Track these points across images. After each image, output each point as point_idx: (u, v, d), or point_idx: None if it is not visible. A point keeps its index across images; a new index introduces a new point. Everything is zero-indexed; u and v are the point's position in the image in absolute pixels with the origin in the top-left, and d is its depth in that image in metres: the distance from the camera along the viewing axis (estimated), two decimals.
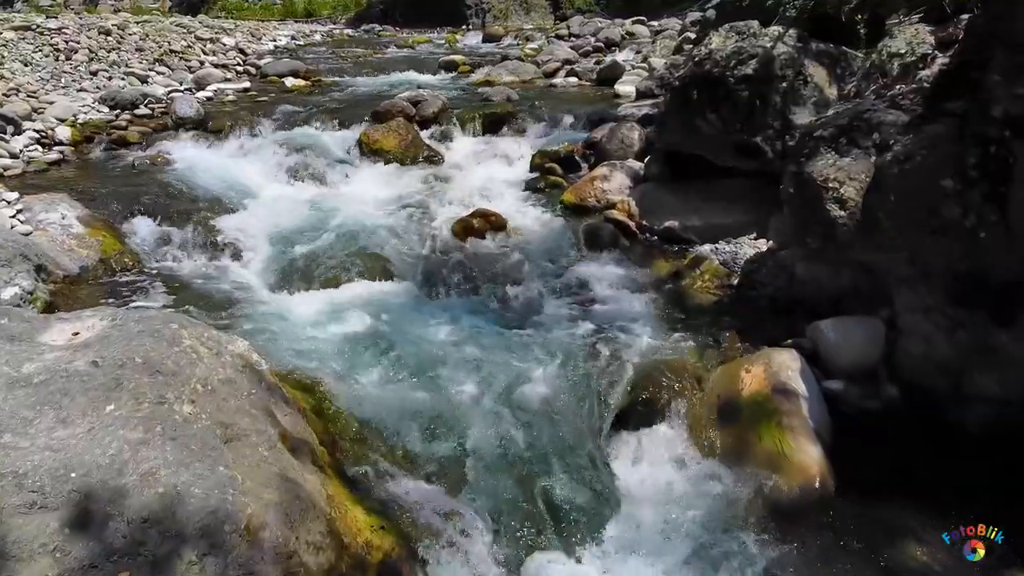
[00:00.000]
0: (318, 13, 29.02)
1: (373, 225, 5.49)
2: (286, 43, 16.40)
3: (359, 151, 7.16)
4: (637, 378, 3.52)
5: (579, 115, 7.93)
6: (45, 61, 9.80)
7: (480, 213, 5.42)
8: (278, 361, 3.41)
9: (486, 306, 4.41)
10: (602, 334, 4.00)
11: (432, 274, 4.76)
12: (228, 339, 2.58)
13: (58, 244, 4.73)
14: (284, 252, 5.12)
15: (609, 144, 6.43)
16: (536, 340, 3.94)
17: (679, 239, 5.17)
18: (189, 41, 12.83)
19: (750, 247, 4.87)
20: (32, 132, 7.06)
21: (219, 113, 8.23)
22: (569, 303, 4.44)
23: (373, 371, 3.59)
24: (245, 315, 4.07)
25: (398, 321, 4.08)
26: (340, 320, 4.10)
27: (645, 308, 4.32)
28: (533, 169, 6.69)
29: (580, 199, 5.77)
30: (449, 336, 4.00)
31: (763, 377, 3.24)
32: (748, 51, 4.88)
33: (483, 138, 7.66)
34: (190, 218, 5.50)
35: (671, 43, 12.14)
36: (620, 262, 4.96)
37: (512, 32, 19.22)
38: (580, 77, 10.90)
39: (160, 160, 6.70)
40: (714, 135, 4.99)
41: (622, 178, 5.80)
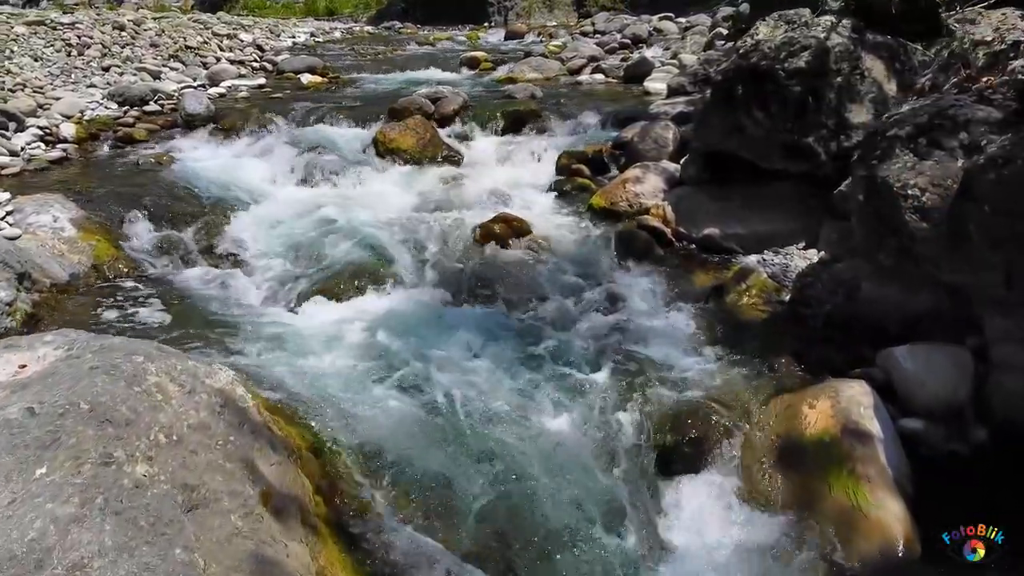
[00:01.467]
0: (339, 11, 28.81)
1: (387, 230, 5.09)
2: (305, 40, 16.08)
3: (374, 150, 6.78)
4: (679, 411, 3.08)
5: (607, 113, 7.51)
6: (56, 56, 9.53)
7: (502, 218, 5.00)
8: (275, 387, 3.01)
9: (508, 323, 3.98)
10: (637, 357, 3.57)
11: (449, 285, 4.36)
12: (207, 371, 2.19)
13: (47, 249, 4.38)
14: (291, 259, 4.74)
15: (641, 144, 5.98)
16: (564, 363, 3.52)
17: (719, 248, 4.73)
18: (205, 37, 12.54)
19: (800, 258, 4.41)
20: (36, 129, 6.77)
21: (230, 110, 7.88)
22: (600, 319, 4.01)
23: (382, 397, 3.18)
24: (243, 331, 3.68)
25: (411, 339, 3.67)
26: (348, 337, 3.70)
27: (685, 327, 3.88)
28: (559, 171, 6.27)
29: (610, 203, 5.34)
30: (467, 357, 3.59)
31: (830, 414, 2.80)
32: (800, 42, 4.42)
33: (505, 137, 7.25)
34: (192, 221, 5.15)
35: (701, 39, 11.69)
36: (655, 273, 4.52)
37: (535, 29, 18.77)
38: (606, 74, 10.46)
39: (165, 159, 6.36)
40: (761, 134, 4.54)
41: (656, 181, 5.36)
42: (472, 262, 4.59)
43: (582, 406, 3.15)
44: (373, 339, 3.65)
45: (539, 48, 13.39)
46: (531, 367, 3.50)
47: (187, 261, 4.75)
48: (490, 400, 3.17)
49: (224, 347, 3.43)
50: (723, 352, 3.57)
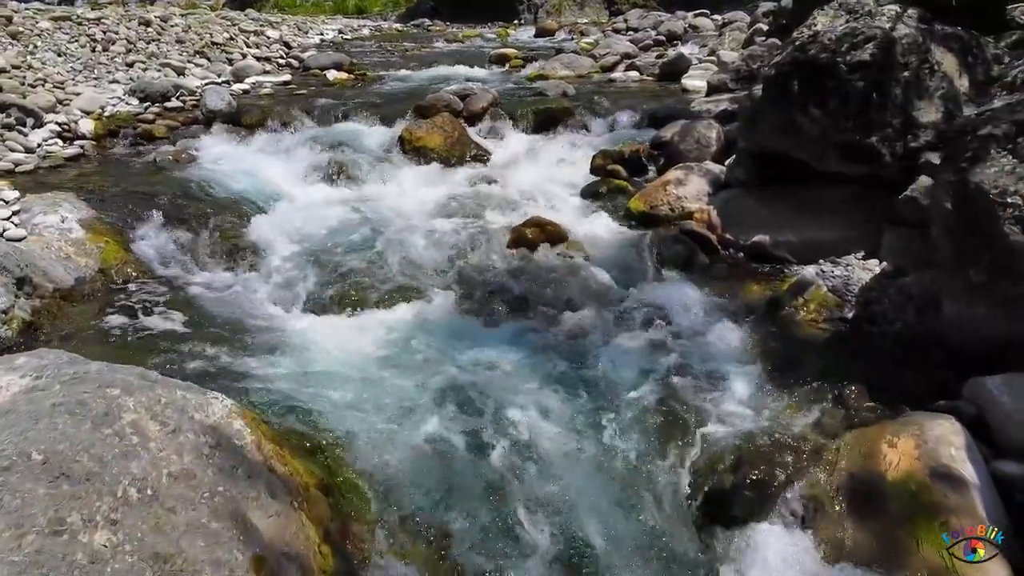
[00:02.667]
0: (369, 10, 28.70)
1: (412, 234, 4.79)
2: (332, 37, 15.86)
3: (400, 149, 6.49)
4: (735, 446, 2.73)
5: (643, 111, 7.14)
6: (80, 52, 9.37)
7: (535, 222, 4.67)
8: (283, 410, 2.72)
9: (540, 337, 3.65)
10: (684, 380, 3.23)
11: (477, 295, 4.03)
12: (199, 403, 1.89)
13: (53, 251, 4.14)
14: (309, 264, 4.45)
15: (682, 144, 5.62)
16: (603, 387, 3.19)
17: (770, 257, 4.35)
18: (232, 33, 12.34)
19: (861, 269, 4.02)
20: (53, 125, 6.57)
21: (253, 106, 7.63)
22: (641, 336, 3.66)
23: (403, 423, 2.87)
24: (254, 344, 3.40)
25: (436, 357, 3.36)
26: (367, 353, 3.40)
27: (736, 345, 3.52)
28: (594, 171, 5.92)
29: (650, 207, 4.98)
30: (494, 376, 3.27)
31: (914, 455, 2.42)
32: (863, 33, 4.03)
33: (537, 136, 6.92)
34: (208, 222, 4.88)
35: (740, 35, 11.24)
36: (700, 283, 4.16)
37: (565, 27, 18.40)
38: (641, 71, 10.07)
39: (184, 156, 6.12)
40: (817, 133, 4.16)
41: (700, 183, 5.00)
42: (502, 270, 4.27)
43: (623, 438, 2.81)
44: (394, 356, 3.35)
45: (570, 45, 13.04)
46: (565, 391, 3.16)
47: (200, 264, 4.49)
48: (520, 428, 2.84)
49: (232, 363, 3.15)
50: (781, 376, 3.21)
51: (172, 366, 3.07)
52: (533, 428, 2.83)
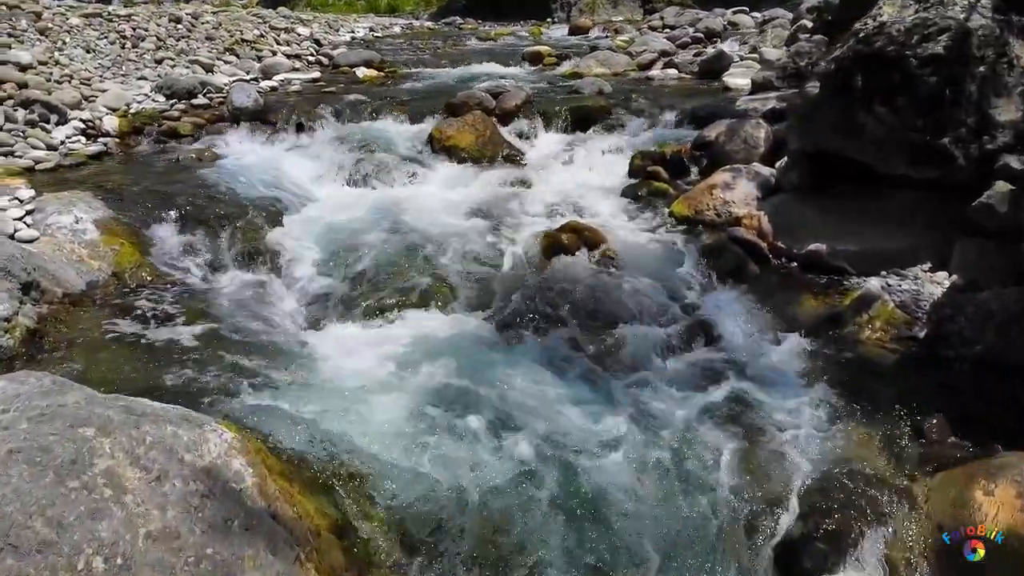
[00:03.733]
0: (401, 8, 28.61)
1: (441, 238, 4.52)
2: (363, 35, 15.69)
3: (430, 148, 6.24)
4: (803, 488, 2.42)
5: (683, 110, 6.80)
6: (109, 48, 9.26)
7: (571, 227, 4.38)
8: (295, 438, 2.46)
9: (577, 356, 3.36)
10: (738, 407, 2.93)
11: (510, 306, 3.75)
12: (192, 440, 1.63)
13: (65, 253, 3.94)
14: (332, 270, 4.21)
15: (728, 144, 5.28)
16: (647, 414, 2.89)
17: (826, 267, 4.01)
18: (262, 31, 12.21)
19: (930, 283, 3.67)
20: (77, 122, 6.41)
21: (280, 104, 7.43)
22: (688, 355, 3.37)
23: (427, 453, 2.60)
24: (268, 359, 3.15)
25: (464, 376, 3.08)
26: (392, 370, 3.14)
27: (794, 367, 3.20)
28: (632, 172, 5.61)
29: (695, 211, 4.66)
30: (528, 400, 2.98)
31: (1016, 504, 2.10)
32: (935, 23, 3.69)
33: (572, 135, 6.62)
34: (228, 224, 4.66)
35: (783, 32, 10.83)
36: (750, 295, 3.84)
37: (599, 25, 18.04)
38: (679, 69, 9.72)
39: (207, 155, 5.92)
40: (883, 134, 3.82)
41: (748, 186, 4.66)
42: (536, 278, 3.98)
43: (675, 478, 2.51)
44: (418, 374, 3.08)
45: (605, 43, 12.70)
46: (605, 417, 2.87)
47: (218, 269, 4.26)
48: (561, 463, 2.55)
49: (244, 381, 2.90)
50: (847, 403, 2.88)
51: (178, 383, 2.83)
52: (575, 463, 2.55)
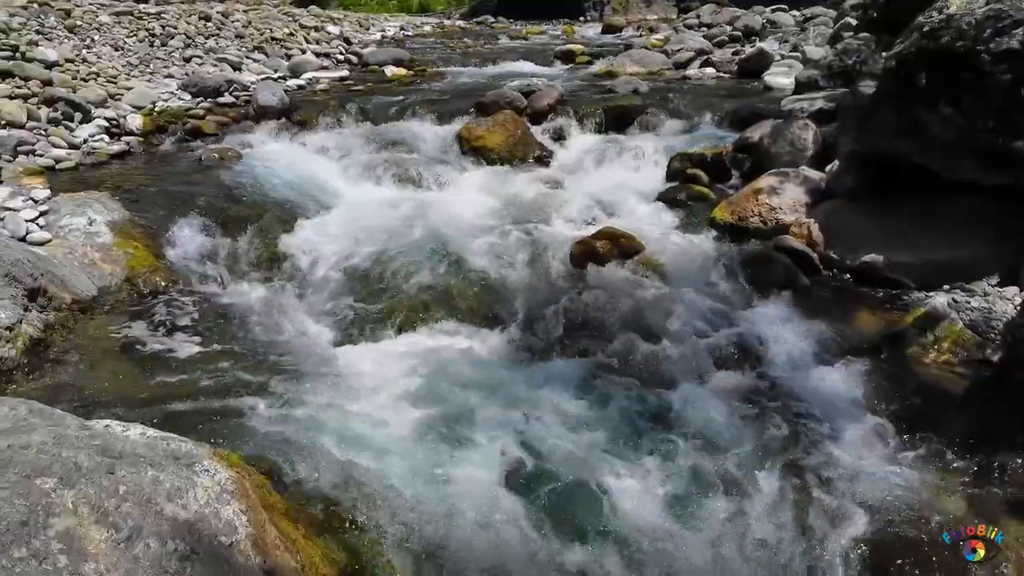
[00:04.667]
0: (433, 7, 28.53)
1: (468, 244, 4.30)
2: (394, 33, 15.55)
3: (458, 148, 6.03)
4: (864, 537, 2.14)
5: (723, 110, 6.51)
6: (138, 46, 9.19)
7: (607, 233, 4.12)
8: (307, 464, 2.24)
9: (613, 374, 3.10)
10: (790, 438, 2.66)
11: (540, 319, 3.50)
12: (178, 484, 1.42)
13: (77, 257, 3.78)
14: (354, 278, 4.00)
15: (773, 146, 4.98)
16: (692, 443, 2.63)
17: (883, 280, 3.72)
18: (292, 29, 12.11)
19: (1000, 299, 3.35)
20: (102, 120, 6.30)
21: (307, 103, 7.28)
22: (734, 377, 3.09)
23: (451, 483, 2.36)
24: (283, 376, 2.94)
25: (491, 395, 2.85)
26: (412, 390, 2.91)
27: (853, 392, 2.92)
28: (670, 176, 5.34)
29: (738, 218, 4.38)
30: (561, 424, 2.74)
31: None
32: (1011, 15, 3.36)
33: (606, 136, 6.37)
34: (248, 227, 4.49)
35: (826, 30, 10.47)
36: (801, 310, 3.54)
37: (634, 23, 17.73)
38: (717, 68, 9.44)
39: (230, 154, 5.75)
40: (950, 136, 3.51)
41: (796, 191, 4.37)
42: (568, 288, 3.73)
43: (714, 514, 2.25)
44: (442, 394, 2.85)
45: (640, 41, 12.40)
46: (644, 445, 2.61)
47: (236, 275, 4.08)
48: (597, 498, 2.31)
49: (253, 400, 2.69)
50: (913, 436, 2.61)
51: (183, 402, 2.63)
52: (613, 499, 2.30)
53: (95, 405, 2.58)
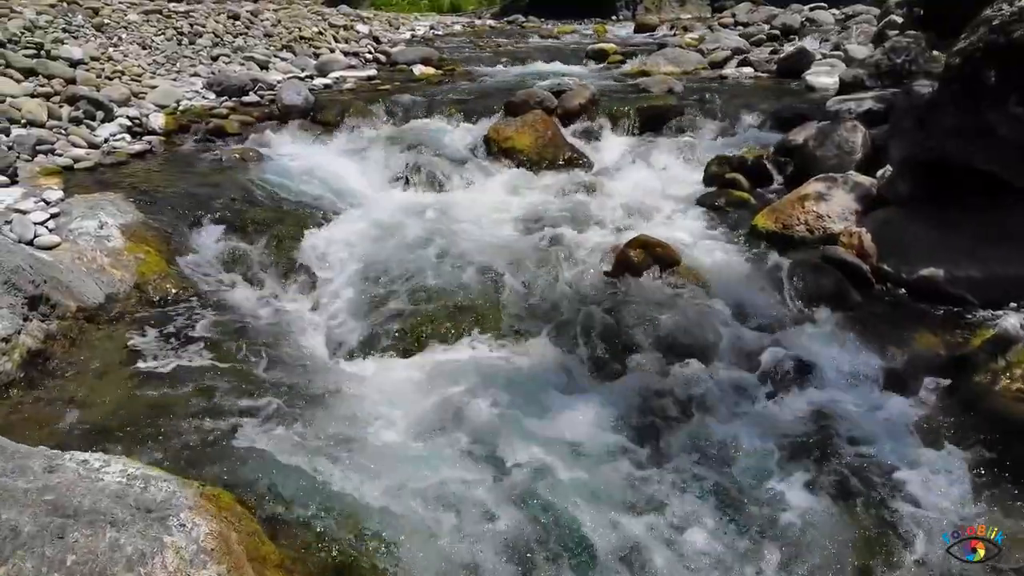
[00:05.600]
0: (464, 7, 28.38)
1: (494, 251, 4.07)
2: (424, 32, 15.40)
3: (486, 150, 5.81)
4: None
5: (763, 111, 6.22)
6: (165, 45, 9.11)
7: (641, 242, 3.86)
8: (312, 501, 2.03)
9: (649, 398, 2.85)
10: (846, 476, 2.39)
11: (570, 334, 3.26)
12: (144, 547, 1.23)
13: (85, 262, 3.62)
14: (374, 288, 3.79)
15: (819, 149, 4.69)
16: (731, 480, 2.37)
17: (944, 296, 3.42)
18: (321, 28, 12.01)
19: None
20: (124, 119, 6.18)
21: (332, 102, 7.10)
22: (780, 401, 2.83)
23: (470, 527, 2.13)
24: (293, 397, 2.74)
25: (514, 421, 2.62)
26: (434, 413, 2.70)
27: (916, 424, 2.64)
28: (708, 180, 5.07)
29: (782, 226, 4.10)
30: (591, 455, 2.50)
31: None
32: None
33: (640, 137, 6.12)
34: (265, 231, 4.32)
35: (869, 28, 10.08)
36: (853, 328, 3.26)
37: (667, 22, 17.37)
38: (755, 67, 9.10)
39: (251, 155, 5.60)
40: (1021, 138, 3.20)
41: (846, 198, 4.08)
42: (600, 303, 3.48)
43: (763, 566, 1.99)
44: (465, 422, 2.63)
45: (674, 41, 12.08)
46: (682, 481, 2.36)
47: (250, 282, 3.90)
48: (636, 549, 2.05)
49: (258, 426, 2.49)
50: (987, 476, 2.33)
51: (181, 426, 2.44)
52: (652, 550, 2.04)
53: (87, 428, 2.41)
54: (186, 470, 2.08)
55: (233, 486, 2.00)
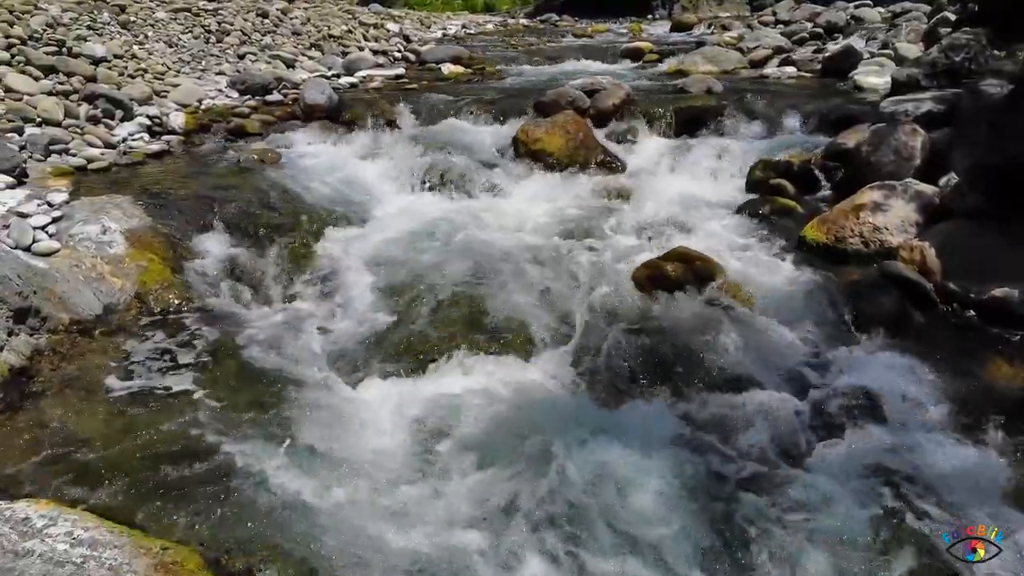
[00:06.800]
0: (498, 7, 28.17)
1: (520, 262, 3.80)
2: (455, 31, 15.19)
3: (514, 152, 5.52)
4: None
5: (809, 112, 5.85)
6: (193, 43, 8.98)
7: (678, 254, 3.55)
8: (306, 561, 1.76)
9: (687, 431, 2.55)
10: (919, 533, 2.05)
11: (601, 356, 2.96)
12: None
13: (84, 270, 3.41)
14: (389, 302, 3.52)
15: (874, 154, 4.33)
16: (784, 539, 2.05)
17: (1020, 320, 3.05)
18: (351, 26, 11.84)
19: None
20: (143, 118, 6.01)
21: (357, 101, 6.88)
22: (838, 441, 2.50)
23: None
24: (296, 426, 2.49)
25: (537, 456, 2.33)
26: (447, 449, 2.45)
27: (997, 474, 2.30)
28: (751, 186, 4.74)
29: (835, 238, 3.75)
30: (616, 504, 2.19)
31: None
32: None
33: (678, 140, 5.78)
34: (278, 238, 4.10)
35: (919, 26, 9.61)
36: (916, 355, 2.93)
37: (705, 21, 16.93)
38: (798, 67, 8.71)
39: (270, 156, 5.38)
40: None
41: (905, 208, 3.72)
42: (634, 322, 3.17)
43: None
44: (482, 458, 2.35)
45: (712, 39, 11.70)
46: (727, 539, 2.05)
47: (258, 293, 3.67)
48: None
49: (249, 465, 2.23)
50: None
51: (164, 459, 2.19)
52: None
53: (55, 465, 2.17)
54: (158, 519, 1.83)
55: (209, 542, 1.74)
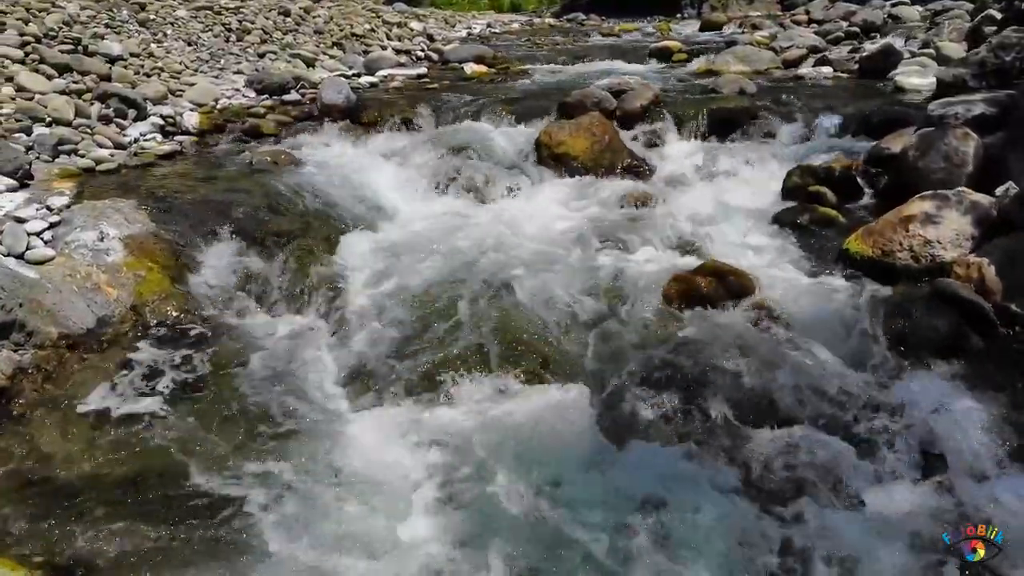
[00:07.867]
0: (524, 6, 27.92)
1: (540, 274, 3.55)
2: (480, 30, 14.97)
3: (536, 155, 5.28)
4: None
5: (848, 114, 5.54)
6: (212, 41, 8.86)
7: (710, 268, 3.29)
8: None
9: (721, 466, 2.29)
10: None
11: (626, 378, 2.71)
12: None
13: (78, 280, 3.23)
14: (403, 314, 3.31)
15: (922, 160, 4.03)
16: None
17: None
18: (374, 25, 11.67)
19: None
20: (157, 118, 5.86)
21: (376, 101, 6.69)
22: (893, 487, 2.23)
23: None
24: (291, 459, 2.28)
25: (553, 496, 2.09)
26: (454, 482, 2.23)
27: None
28: (787, 193, 4.44)
29: (881, 251, 3.46)
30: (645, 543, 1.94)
31: None
32: None
33: (709, 143, 5.51)
34: (287, 245, 3.90)
35: (962, 24, 9.21)
36: (976, 384, 2.65)
37: (735, 20, 16.55)
38: (834, 67, 8.37)
39: (283, 158, 5.18)
40: None
41: (960, 220, 3.42)
42: (663, 342, 2.91)
43: None
44: (496, 499, 2.10)
45: (743, 39, 11.35)
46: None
47: (263, 304, 3.47)
48: None
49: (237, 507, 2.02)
50: None
51: (137, 504, 1.99)
52: None
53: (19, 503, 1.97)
54: None
55: None
